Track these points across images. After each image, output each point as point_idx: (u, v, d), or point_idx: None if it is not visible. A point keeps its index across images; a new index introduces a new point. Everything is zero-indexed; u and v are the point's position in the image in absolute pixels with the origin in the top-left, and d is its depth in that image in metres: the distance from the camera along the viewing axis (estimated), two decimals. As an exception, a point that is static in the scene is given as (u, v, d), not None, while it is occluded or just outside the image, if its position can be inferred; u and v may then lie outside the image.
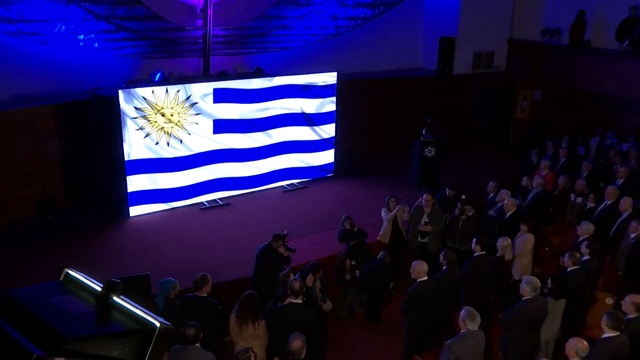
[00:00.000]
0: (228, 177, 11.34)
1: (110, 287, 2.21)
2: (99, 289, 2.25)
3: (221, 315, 6.32)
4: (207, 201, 11.09)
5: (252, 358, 5.08)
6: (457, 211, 8.75)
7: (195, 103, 10.45)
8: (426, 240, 8.74)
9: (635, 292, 6.00)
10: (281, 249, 7.53)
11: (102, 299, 2.21)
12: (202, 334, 5.25)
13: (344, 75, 12.60)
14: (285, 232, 7.78)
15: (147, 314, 2.14)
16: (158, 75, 10.81)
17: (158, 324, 2.10)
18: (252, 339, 5.91)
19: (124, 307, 2.19)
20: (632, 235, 7.87)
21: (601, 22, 13.85)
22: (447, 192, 9.60)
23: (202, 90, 10.51)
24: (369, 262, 8.16)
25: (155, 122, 10.07)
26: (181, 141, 10.52)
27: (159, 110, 10.02)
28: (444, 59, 14.78)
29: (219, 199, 11.23)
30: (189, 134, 10.56)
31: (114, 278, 2.20)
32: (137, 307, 2.18)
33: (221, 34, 11.62)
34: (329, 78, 12.08)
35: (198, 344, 5.21)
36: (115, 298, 2.21)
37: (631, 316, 5.72)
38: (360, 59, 14.22)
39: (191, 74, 12.00)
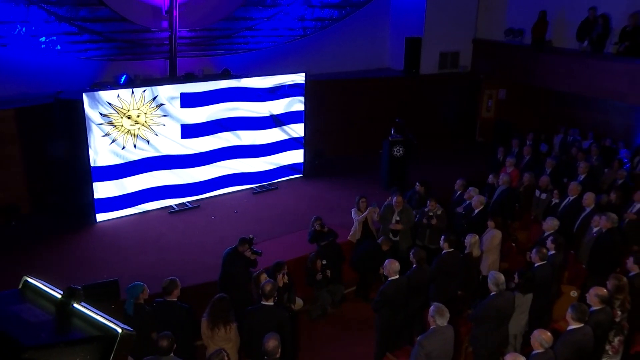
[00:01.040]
0: (197, 181, 11.24)
1: (71, 294, 2.17)
2: (59, 296, 2.20)
3: (192, 320, 6.25)
4: (176, 204, 10.97)
5: (226, 359, 5.04)
6: (424, 220, 8.81)
7: (162, 104, 10.32)
8: (397, 239, 8.81)
9: (599, 285, 6.16)
10: (248, 253, 7.46)
11: (62, 306, 2.16)
12: (175, 343, 5.17)
13: (312, 77, 12.62)
14: (251, 236, 7.70)
15: (109, 320, 2.11)
16: (123, 77, 10.67)
17: (120, 330, 2.06)
18: (224, 342, 5.88)
19: (85, 313, 2.15)
20: (595, 230, 8.07)
21: (562, 23, 14.19)
22: (417, 188, 9.69)
23: (169, 93, 10.39)
24: (365, 243, 8.56)
25: (122, 126, 9.91)
26: (148, 142, 10.37)
27: (125, 114, 9.87)
28: (410, 59, 14.94)
29: (188, 202, 11.12)
30: (156, 134, 10.43)
31: (83, 285, 2.17)
32: (98, 314, 2.14)
33: (187, 36, 11.51)
34: (297, 78, 12.08)
35: (172, 354, 5.14)
36: (75, 305, 2.16)
37: (595, 308, 5.86)
38: (328, 60, 14.27)
39: (157, 76, 11.87)
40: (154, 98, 10.18)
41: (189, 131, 10.83)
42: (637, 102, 12.28)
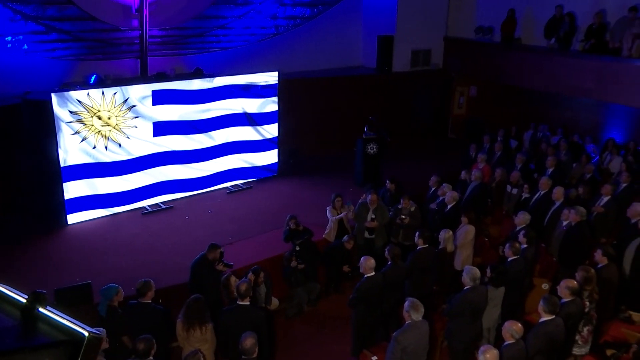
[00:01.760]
0: (170, 180, 11.13)
1: (35, 299, 2.13)
2: (24, 300, 2.16)
3: (167, 321, 6.20)
4: (149, 205, 10.85)
5: (202, 360, 5.02)
6: (398, 221, 8.88)
7: (134, 106, 10.19)
8: (373, 236, 8.87)
9: (569, 277, 6.30)
10: (220, 266, 7.17)
11: (27, 311, 2.13)
12: (155, 346, 5.13)
13: (285, 75, 12.61)
14: (222, 250, 7.43)
15: (75, 323, 2.08)
16: (93, 77, 10.50)
17: (86, 334, 2.04)
18: (199, 343, 5.84)
19: (51, 318, 2.11)
20: (564, 223, 8.24)
21: (530, 20, 14.45)
22: (387, 186, 9.77)
23: (140, 93, 10.26)
24: (336, 241, 8.70)
25: (92, 125, 9.75)
26: (120, 145, 10.23)
27: (95, 114, 9.72)
28: (383, 57, 15.04)
29: (161, 202, 11.00)
30: (128, 137, 10.29)
31: (55, 288, 2.12)
32: (64, 318, 2.11)
33: (158, 35, 11.39)
34: (270, 78, 12.05)
35: (151, 357, 5.09)
36: (41, 309, 2.13)
37: (566, 300, 6.00)
38: (300, 59, 14.27)
39: (128, 76, 11.71)
40: (125, 100, 10.04)
41: (161, 128, 10.71)
42: (603, 98, 12.58)
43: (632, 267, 7.66)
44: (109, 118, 9.93)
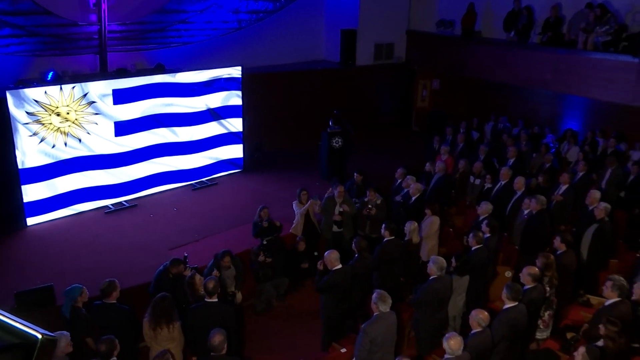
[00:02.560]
0: (133, 179, 10.94)
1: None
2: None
3: (133, 321, 6.12)
4: (112, 204, 10.65)
5: (170, 360, 4.97)
6: (365, 212, 8.95)
7: (94, 102, 9.97)
8: (341, 229, 8.92)
9: (531, 264, 6.47)
10: (186, 272, 6.93)
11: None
12: (118, 347, 5.07)
13: (249, 70, 12.54)
14: (185, 254, 7.32)
15: (28, 326, 2.04)
16: (50, 74, 10.19)
17: (40, 336, 2.00)
18: (167, 342, 5.78)
19: (2, 321, 2.07)
20: (525, 212, 8.45)
21: (489, 14, 14.71)
22: (355, 178, 9.83)
23: (100, 90, 10.04)
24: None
25: (50, 124, 9.51)
26: (80, 140, 10.01)
27: (53, 111, 9.48)
28: (346, 50, 15.08)
29: (124, 201, 10.82)
30: (88, 133, 10.07)
31: (15, 292, 2.06)
32: (16, 320, 2.07)
33: (117, 30, 11.14)
34: (234, 71, 11.96)
35: (115, 358, 5.02)
36: None
37: (528, 286, 6.16)
38: (264, 53, 14.20)
39: (87, 72, 11.42)
40: (85, 95, 9.82)
41: (123, 128, 10.52)
42: (560, 90, 12.92)
43: (589, 253, 7.92)
44: (68, 113, 9.70)
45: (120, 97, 10.30)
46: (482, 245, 7.19)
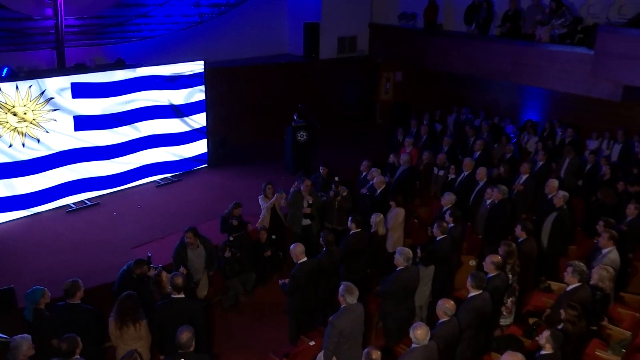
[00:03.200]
0: (95, 176, 10.72)
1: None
2: None
3: (98, 321, 6.01)
4: (73, 203, 10.41)
5: (138, 360, 4.91)
6: (332, 193, 9.03)
7: (52, 98, 9.72)
8: (310, 223, 8.93)
9: (494, 253, 6.61)
10: (150, 273, 6.82)
11: None
12: (80, 345, 4.98)
13: (212, 64, 12.41)
14: (149, 254, 7.20)
15: None
16: (5, 70, 9.86)
17: None
18: (134, 341, 5.71)
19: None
20: (488, 202, 8.63)
21: (450, 7, 14.89)
22: (321, 171, 9.86)
23: (58, 85, 9.79)
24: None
25: (7, 122, 9.23)
26: (38, 140, 9.75)
27: (9, 110, 9.19)
28: (309, 44, 15.08)
29: (86, 199, 10.59)
30: (47, 132, 9.82)
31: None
32: None
33: (75, 24, 10.87)
34: (196, 67, 11.81)
35: (77, 356, 4.93)
36: None
37: (491, 274, 6.30)
38: (227, 47, 14.08)
39: (44, 68, 11.12)
40: (42, 93, 9.56)
41: (83, 123, 10.28)
42: (520, 81, 13.21)
43: (549, 240, 8.15)
44: (25, 113, 9.43)
45: (79, 90, 10.06)
46: (446, 235, 7.30)
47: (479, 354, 6.23)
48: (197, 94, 12.00)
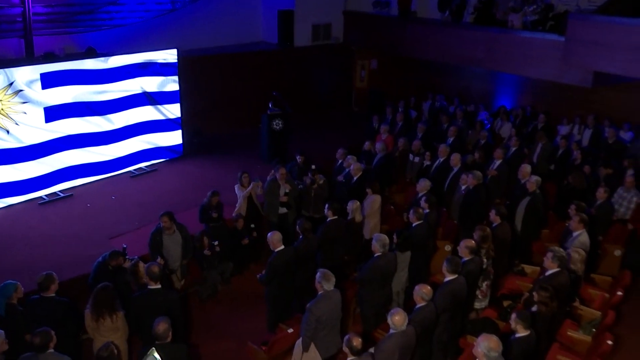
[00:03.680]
0: (68, 167, 10.54)
1: None
2: None
3: (74, 313, 5.95)
4: (46, 195, 10.23)
5: (115, 352, 4.87)
6: (308, 181, 9.05)
7: (21, 90, 9.49)
8: (288, 211, 8.93)
9: (469, 237, 6.71)
10: (125, 264, 6.77)
11: None
12: (54, 338, 4.92)
13: (185, 53, 12.26)
14: (124, 245, 7.10)
15: None
16: (-29, 59, 9.65)
17: None
18: (111, 332, 5.67)
19: None
20: (463, 187, 8.73)
21: (425, -7, 14.92)
22: (297, 159, 9.85)
23: (27, 76, 9.55)
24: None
25: (-26, 113, 9.02)
26: (8, 132, 9.53)
27: (-24, 100, 8.98)
28: (284, 32, 14.98)
29: (59, 191, 10.42)
30: (17, 124, 9.60)
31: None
32: None
33: (43, 12, 10.63)
34: (169, 56, 11.65)
35: (52, 350, 4.88)
36: None
37: (466, 259, 6.40)
38: (201, 35, 13.90)
39: (12, 57, 10.85)
40: (11, 84, 9.33)
41: (54, 113, 10.07)
42: (493, 68, 13.33)
43: (523, 224, 8.30)
44: (-7, 103, 9.22)
45: (49, 80, 9.83)
46: (422, 221, 7.38)
47: (455, 337, 6.35)
48: (171, 84, 11.84)
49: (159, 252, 7.35)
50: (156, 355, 1.85)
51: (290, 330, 6.40)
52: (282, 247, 6.65)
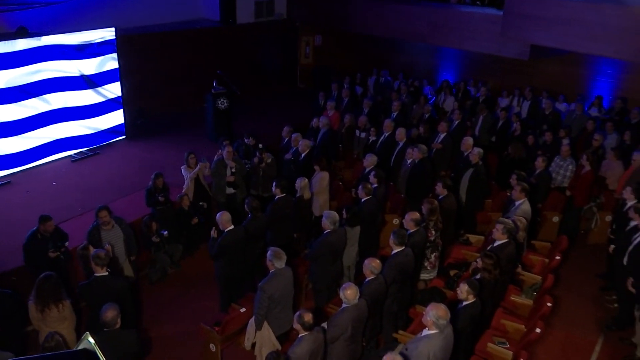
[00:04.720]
0: (4, 154, 10.07)
1: None
2: None
3: (17, 306, 5.75)
4: (-20, 183, 9.79)
5: (61, 341, 4.75)
6: (255, 160, 8.99)
7: (-54, 72, 8.98)
8: (236, 191, 8.86)
9: (417, 210, 6.87)
10: (52, 254, 6.69)
11: None
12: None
13: (124, 31, 11.83)
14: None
15: None
16: None
17: None
18: (58, 322, 5.53)
19: None
20: (409, 161, 8.89)
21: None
22: (247, 141, 9.76)
23: (-48, 57, 9.04)
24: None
25: None
26: None
27: None
28: (225, 8, 14.69)
29: (-5, 179, 9.99)
30: (-56, 109, 9.09)
31: None
32: None
33: (-34, -11, 10.01)
34: (107, 34, 11.23)
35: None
36: None
37: (411, 231, 6.56)
38: (139, 13, 13.41)
39: None
40: None
41: (-15, 99, 9.60)
42: (435, 42, 13.52)
43: (467, 196, 8.55)
44: None
45: (-22, 64, 9.34)
46: (371, 196, 7.49)
47: (405, 308, 6.53)
48: (110, 62, 11.44)
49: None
50: (90, 339, 1.81)
51: (243, 310, 6.42)
52: (232, 226, 6.62)
